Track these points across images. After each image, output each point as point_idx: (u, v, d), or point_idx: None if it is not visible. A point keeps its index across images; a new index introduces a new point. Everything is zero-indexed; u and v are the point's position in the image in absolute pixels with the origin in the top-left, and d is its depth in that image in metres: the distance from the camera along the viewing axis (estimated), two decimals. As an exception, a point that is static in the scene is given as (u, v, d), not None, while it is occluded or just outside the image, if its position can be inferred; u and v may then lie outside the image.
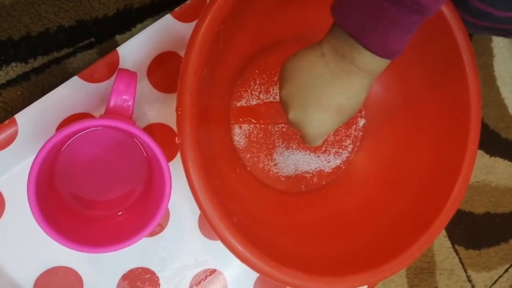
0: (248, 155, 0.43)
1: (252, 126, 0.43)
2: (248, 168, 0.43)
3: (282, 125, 0.44)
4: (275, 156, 0.44)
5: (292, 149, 0.45)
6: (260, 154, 0.44)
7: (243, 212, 0.36)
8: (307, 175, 0.45)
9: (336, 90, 0.29)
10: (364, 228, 0.42)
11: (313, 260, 0.37)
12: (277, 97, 0.44)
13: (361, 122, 0.47)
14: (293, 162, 0.45)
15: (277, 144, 0.44)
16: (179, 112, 0.29)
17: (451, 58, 0.39)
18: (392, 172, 0.44)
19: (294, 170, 0.45)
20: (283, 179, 0.44)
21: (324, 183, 0.46)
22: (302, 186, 0.45)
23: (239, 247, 0.32)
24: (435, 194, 0.40)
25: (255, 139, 0.43)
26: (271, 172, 0.44)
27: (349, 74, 0.28)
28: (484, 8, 0.39)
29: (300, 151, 0.45)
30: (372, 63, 0.28)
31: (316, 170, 0.46)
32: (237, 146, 0.43)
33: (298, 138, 0.44)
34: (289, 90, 0.31)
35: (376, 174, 0.45)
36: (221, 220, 0.31)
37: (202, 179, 0.30)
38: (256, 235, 0.35)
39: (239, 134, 0.43)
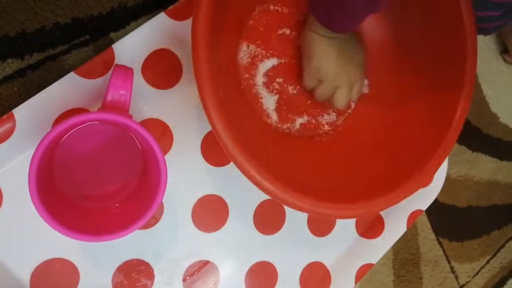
0: (247, 75, 0.44)
1: (259, 49, 0.44)
2: (242, 87, 0.44)
3: (284, 60, 0.45)
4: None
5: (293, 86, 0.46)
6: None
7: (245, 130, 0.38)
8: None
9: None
10: (365, 167, 0.44)
11: (318, 189, 0.39)
12: (292, 35, 0.45)
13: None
14: None
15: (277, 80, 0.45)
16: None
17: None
18: (390, 120, 0.47)
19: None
20: (274, 117, 0.45)
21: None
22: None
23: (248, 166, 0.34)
24: (431, 137, 0.42)
25: (258, 63, 0.44)
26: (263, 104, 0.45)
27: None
28: None
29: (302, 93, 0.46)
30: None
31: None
32: (240, 62, 0.43)
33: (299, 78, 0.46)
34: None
35: (376, 123, 0.47)
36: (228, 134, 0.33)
37: (212, 90, 0.32)
38: (262, 157, 0.36)
39: (245, 51, 0.44)
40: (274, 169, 0.35)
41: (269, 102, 0.45)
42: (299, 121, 0.46)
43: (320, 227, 0.48)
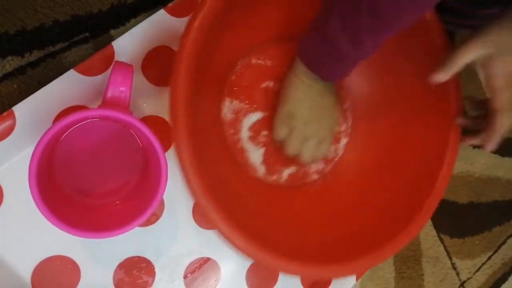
0: (232, 131, 0.43)
1: (242, 104, 0.44)
2: (228, 143, 0.43)
3: (269, 113, 0.45)
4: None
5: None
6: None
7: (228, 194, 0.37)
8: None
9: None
10: (351, 220, 0.43)
11: (302, 248, 0.38)
12: (276, 87, 0.45)
13: (349, 121, 0.49)
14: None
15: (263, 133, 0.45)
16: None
17: (432, 56, 0.40)
18: (378, 167, 0.46)
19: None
20: (262, 170, 0.45)
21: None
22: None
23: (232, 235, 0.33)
24: (419, 187, 0.42)
25: (242, 118, 0.44)
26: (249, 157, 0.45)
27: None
28: (459, 7, 0.41)
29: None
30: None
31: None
32: (223, 118, 0.43)
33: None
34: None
35: (363, 169, 0.47)
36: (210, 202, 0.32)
37: (192, 158, 0.31)
38: (246, 223, 0.36)
39: (228, 107, 0.43)
40: (252, 228, 0.35)
41: (255, 155, 0.44)
42: (287, 172, 0.46)
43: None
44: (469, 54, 0.32)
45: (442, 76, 0.34)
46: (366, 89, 0.48)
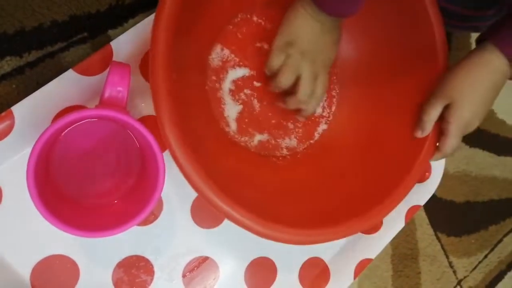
0: (214, 77, 0.43)
1: (232, 56, 0.43)
2: (206, 87, 0.42)
3: (256, 73, 0.44)
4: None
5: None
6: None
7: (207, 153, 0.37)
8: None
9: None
10: (314, 197, 0.43)
11: (288, 215, 0.38)
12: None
13: (335, 91, 0.48)
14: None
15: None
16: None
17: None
18: (363, 139, 0.46)
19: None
20: (233, 126, 0.44)
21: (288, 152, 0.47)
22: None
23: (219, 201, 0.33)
24: (401, 162, 0.42)
25: (228, 69, 0.43)
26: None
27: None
28: (454, 8, 0.41)
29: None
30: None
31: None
32: (210, 63, 0.42)
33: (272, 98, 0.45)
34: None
35: (348, 141, 0.47)
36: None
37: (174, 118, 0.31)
38: (235, 190, 0.35)
39: (218, 53, 0.42)
40: (229, 187, 0.34)
41: (231, 110, 0.44)
42: (258, 137, 0.45)
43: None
44: (435, 110, 0.39)
45: (421, 134, 0.41)
46: (352, 76, 0.48)
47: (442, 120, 0.40)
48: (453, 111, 0.38)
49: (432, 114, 0.39)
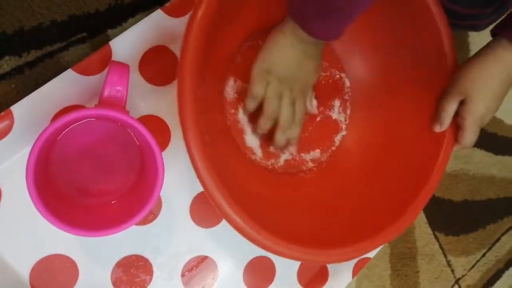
0: (232, 110, 0.44)
1: (245, 85, 0.43)
2: (228, 123, 0.43)
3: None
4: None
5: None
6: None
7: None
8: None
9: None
10: (345, 207, 0.44)
11: (298, 233, 0.38)
12: None
13: (348, 112, 0.49)
14: None
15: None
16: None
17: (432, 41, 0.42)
18: (375, 157, 0.47)
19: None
20: (258, 153, 0.45)
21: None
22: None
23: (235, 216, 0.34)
24: (413, 180, 0.42)
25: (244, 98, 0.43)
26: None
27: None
28: (451, 7, 0.42)
29: None
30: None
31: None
32: (226, 97, 0.43)
33: None
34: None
35: (359, 159, 0.47)
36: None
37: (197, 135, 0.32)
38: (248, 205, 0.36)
39: (231, 86, 0.43)
40: (257, 213, 0.35)
41: (254, 139, 0.44)
42: (284, 157, 0.46)
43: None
44: (450, 105, 0.41)
45: (439, 128, 0.42)
46: (366, 81, 0.48)
47: (457, 116, 0.41)
48: (468, 107, 0.39)
49: (449, 109, 0.41)
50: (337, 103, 0.49)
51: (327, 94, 0.48)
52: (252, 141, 0.45)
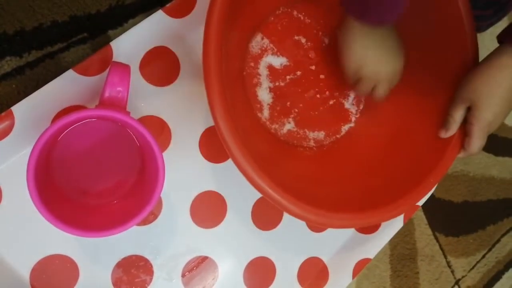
0: (252, 64, 0.45)
1: (271, 45, 0.45)
2: (244, 73, 0.45)
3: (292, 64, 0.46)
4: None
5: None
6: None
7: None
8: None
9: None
10: (333, 195, 0.44)
11: (320, 198, 0.39)
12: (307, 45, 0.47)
13: (361, 104, 0.50)
14: None
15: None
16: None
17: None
18: (377, 158, 0.47)
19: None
20: (265, 113, 0.46)
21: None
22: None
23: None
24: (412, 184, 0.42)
25: (266, 56, 0.45)
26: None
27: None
28: None
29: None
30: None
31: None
32: (250, 50, 0.45)
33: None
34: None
35: (361, 156, 0.48)
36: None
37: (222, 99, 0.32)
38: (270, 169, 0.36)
39: (258, 42, 0.45)
40: (274, 174, 0.35)
41: (265, 96, 0.45)
42: (288, 126, 0.47)
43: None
44: (458, 112, 0.41)
45: (444, 134, 0.42)
46: None
47: (465, 122, 0.41)
48: (475, 114, 0.40)
49: (456, 116, 0.41)
50: (352, 94, 0.49)
51: (344, 83, 0.48)
52: (264, 95, 0.45)
